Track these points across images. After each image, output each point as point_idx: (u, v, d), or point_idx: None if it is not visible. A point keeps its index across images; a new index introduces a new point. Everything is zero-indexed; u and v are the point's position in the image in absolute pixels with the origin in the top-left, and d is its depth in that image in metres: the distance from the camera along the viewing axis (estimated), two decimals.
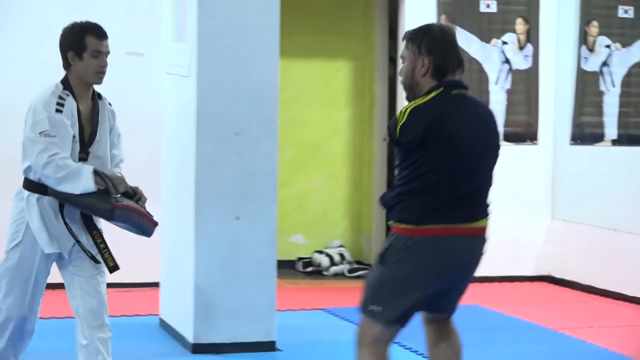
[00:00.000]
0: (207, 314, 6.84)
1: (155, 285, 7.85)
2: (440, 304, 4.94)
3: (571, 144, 9.88)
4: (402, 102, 9.50)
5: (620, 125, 9.81)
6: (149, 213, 5.24)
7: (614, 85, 9.78)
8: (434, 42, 4.71)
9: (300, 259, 10.15)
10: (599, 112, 9.83)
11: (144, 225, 5.22)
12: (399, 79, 4.89)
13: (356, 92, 10.39)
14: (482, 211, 4.79)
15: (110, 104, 5.39)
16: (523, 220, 9.87)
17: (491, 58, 9.73)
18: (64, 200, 5.09)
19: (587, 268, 9.55)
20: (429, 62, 4.67)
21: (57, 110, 5.05)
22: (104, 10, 8.83)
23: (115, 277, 8.79)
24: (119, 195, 5.05)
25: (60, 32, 5.54)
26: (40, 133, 5.01)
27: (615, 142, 9.85)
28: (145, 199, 5.26)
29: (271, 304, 7.02)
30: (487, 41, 9.70)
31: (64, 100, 5.11)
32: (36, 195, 5.16)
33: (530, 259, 9.93)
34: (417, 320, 4.85)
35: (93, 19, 8.66)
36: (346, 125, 10.40)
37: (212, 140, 6.84)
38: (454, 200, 4.66)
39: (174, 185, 7.31)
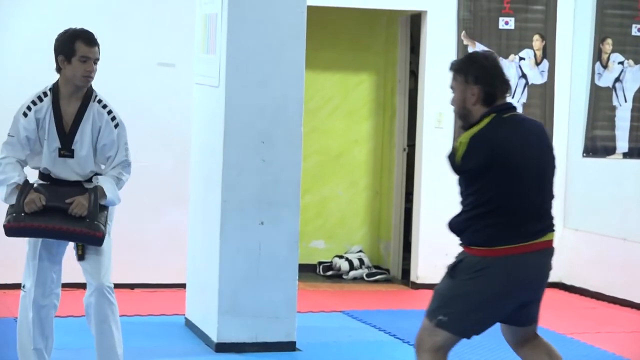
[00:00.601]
0: (230, 314, 6.84)
1: (182, 286, 7.84)
2: (519, 319, 4.91)
3: (584, 156, 9.83)
4: (423, 114, 9.52)
5: (632, 139, 9.75)
6: (77, 225, 5.26)
7: (626, 101, 9.72)
8: (480, 71, 4.77)
9: (320, 263, 10.13)
10: (612, 126, 9.78)
11: (64, 237, 5.35)
12: (452, 108, 4.93)
13: (377, 104, 10.38)
14: (548, 225, 4.79)
15: (105, 106, 5.47)
16: None
17: (509, 73, 9.69)
18: None
19: (597, 275, 9.52)
20: (478, 90, 4.72)
21: (24, 114, 5.30)
22: (137, 23, 8.90)
23: (143, 278, 8.89)
24: (24, 214, 5.19)
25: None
26: (8, 133, 5.34)
27: (626, 155, 9.79)
28: (80, 211, 5.25)
29: (292, 306, 7.01)
30: (505, 57, 9.66)
31: (37, 103, 5.32)
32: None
33: None
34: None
35: (126, 31, 8.81)
36: (367, 135, 10.38)
37: (239, 148, 6.84)
38: (521, 220, 4.68)
39: (201, 191, 7.30)
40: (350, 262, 10.00)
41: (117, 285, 8.53)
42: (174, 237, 8.53)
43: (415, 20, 9.79)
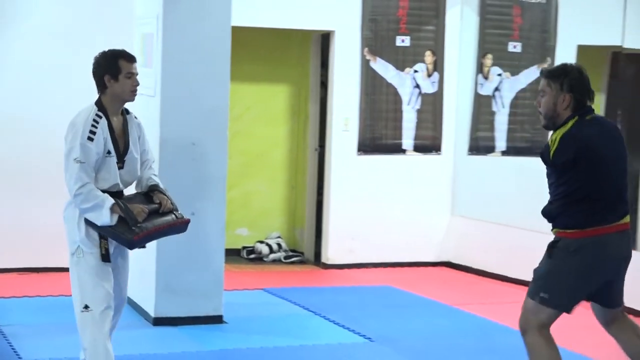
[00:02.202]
0: (166, 292, 6.82)
1: None
2: (606, 297, 4.93)
3: (469, 154, 9.92)
4: (332, 120, 9.56)
5: (509, 140, 9.87)
6: (174, 219, 5.04)
7: (503, 107, 9.83)
8: (575, 82, 4.82)
9: (244, 247, 10.09)
10: (492, 129, 9.88)
11: (170, 232, 5.09)
12: (538, 110, 4.94)
13: (293, 110, 10.37)
14: (625, 209, 4.85)
15: (136, 117, 5.23)
16: (428, 216, 9.91)
17: (405, 83, 9.75)
18: (93, 228, 4.90)
19: (480, 255, 9.61)
20: (570, 98, 4.78)
21: (89, 138, 4.86)
22: (85, 41, 8.75)
23: None
24: (139, 224, 4.85)
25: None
26: (74, 159, 4.84)
27: (504, 153, 9.91)
28: (169, 207, 5.03)
29: (219, 285, 7.02)
30: (402, 69, 9.71)
31: (97, 124, 4.92)
32: None
33: (433, 248, 9.95)
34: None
35: (75, 49, 8.70)
36: (284, 138, 10.37)
37: (173, 149, 6.82)
38: (604, 205, 4.76)
39: None
40: (270, 247, 9.99)
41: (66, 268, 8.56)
42: None
43: (324, 39, 9.80)
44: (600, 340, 5.60)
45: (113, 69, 5.01)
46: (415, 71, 9.76)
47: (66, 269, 8.47)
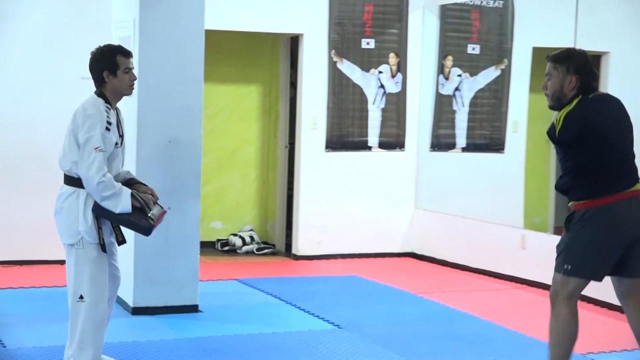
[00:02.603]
0: (144, 283, 6.79)
1: None
2: (626, 267, 4.91)
3: (430, 151, 9.95)
4: (301, 118, 9.57)
5: (468, 137, 9.92)
6: (161, 208, 5.02)
7: (463, 106, 9.87)
8: (581, 65, 4.88)
9: (218, 240, 10.08)
10: (452, 126, 9.93)
11: (161, 220, 5.03)
12: (545, 93, 4.97)
13: (264, 109, 10.38)
14: (634, 178, 4.89)
15: (120, 113, 5.14)
16: (393, 209, 9.94)
17: (370, 84, 9.77)
18: (106, 218, 4.83)
19: (442, 246, 9.64)
20: (577, 79, 4.84)
21: (107, 129, 4.81)
22: (65, 45, 8.74)
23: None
24: (150, 211, 4.85)
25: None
26: (95, 149, 4.73)
27: (464, 149, 9.96)
28: (157, 196, 5.03)
29: (195, 275, 6.99)
30: (367, 70, 9.73)
31: (110, 116, 4.88)
32: (84, 191, 4.86)
33: (398, 239, 9.98)
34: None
35: (56, 51, 8.66)
36: (256, 135, 10.37)
37: (150, 146, 6.79)
38: (611, 175, 4.81)
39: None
40: (243, 239, 9.98)
41: (49, 261, 8.55)
42: None
43: (294, 41, 9.80)
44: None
45: (111, 65, 4.94)
46: (380, 72, 9.78)
47: (48, 262, 8.61)
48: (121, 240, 4.96)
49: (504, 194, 9.58)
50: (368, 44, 9.71)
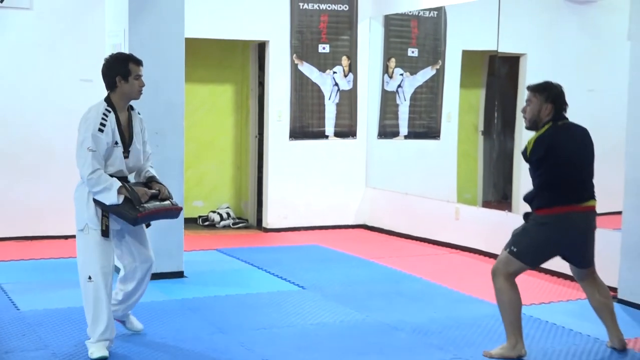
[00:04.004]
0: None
1: None
2: (574, 259, 5.02)
3: (378, 138, 9.97)
4: (268, 112, 9.53)
5: (409, 126, 9.94)
6: (170, 204, 4.86)
7: (405, 100, 9.89)
8: (557, 96, 4.88)
9: (200, 216, 10.05)
10: (396, 118, 9.94)
11: (166, 216, 4.91)
12: (523, 115, 4.96)
13: (237, 105, 10.33)
14: (589, 195, 4.89)
15: (139, 113, 5.00)
16: (347, 188, 9.96)
17: (326, 82, 9.76)
18: (101, 208, 4.71)
19: (388, 219, 9.68)
20: (552, 108, 4.84)
21: (100, 130, 4.66)
22: (64, 50, 8.67)
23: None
24: (142, 204, 4.69)
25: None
26: (87, 148, 4.62)
27: (406, 137, 9.98)
28: (166, 194, 4.87)
29: (180, 246, 6.98)
30: (323, 71, 9.72)
31: (106, 118, 4.72)
32: None
33: (351, 213, 10.00)
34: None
35: (56, 56, 8.57)
36: (230, 127, 10.33)
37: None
38: (568, 191, 4.81)
39: None
40: (221, 215, 9.95)
41: (53, 236, 8.48)
42: None
43: (261, 47, 9.76)
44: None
45: (124, 71, 4.79)
46: (334, 72, 9.77)
47: (55, 237, 8.56)
48: (103, 230, 4.76)
49: (439, 174, 9.63)
50: (324, 48, 9.69)
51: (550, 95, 4.87)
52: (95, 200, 4.72)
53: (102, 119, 4.71)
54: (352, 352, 5.05)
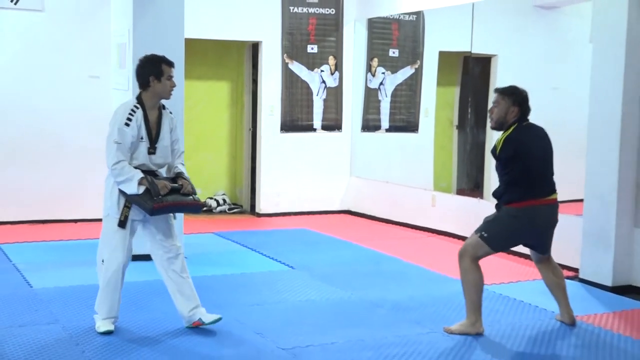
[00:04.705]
0: (141, 237, 6.71)
1: None
2: (538, 247, 5.06)
3: (362, 132, 9.97)
4: (261, 107, 9.52)
5: (390, 121, 9.94)
6: (191, 199, 4.71)
7: (386, 96, 9.88)
8: (522, 99, 4.87)
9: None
10: (378, 112, 9.94)
11: (185, 210, 4.82)
12: (489, 116, 4.95)
13: (232, 101, 10.30)
14: (551, 189, 4.91)
15: (170, 112, 4.85)
16: (334, 177, 9.96)
17: (314, 80, 9.76)
18: (125, 197, 4.63)
19: (371, 205, 9.69)
20: (518, 110, 4.83)
21: (126, 124, 4.57)
22: (74, 49, 8.64)
23: (90, 214, 8.64)
24: (161, 196, 4.56)
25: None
26: (113, 141, 4.55)
27: (387, 130, 9.98)
28: (189, 190, 4.71)
29: (180, 230, 6.89)
30: (312, 69, 9.71)
31: (133, 114, 4.61)
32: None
33: (337, 200, 10.01)
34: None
35: (67, 54, 8.54)
36: (226, 121, 10.30)
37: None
38: (534, 186, 4.81)
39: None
40: (218, 202, 9.94)
41: (63, 220, 8.47)
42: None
43: (255, 47, 9.74)
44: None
45: (157, 71, 4.68)
46: (322, 71, 9.76)
47: (65, 221, 8.57)
48: (121, 220, 4.67)
49: (417, 164, 9.64)
50: (312, 49, 9.68)
51: (517, 99, 4.86)
52: (120, 190, 4.67)
53: (130, 114, 4.63)
54: (337, 326, 5.06)
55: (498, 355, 4.59)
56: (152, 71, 4.69)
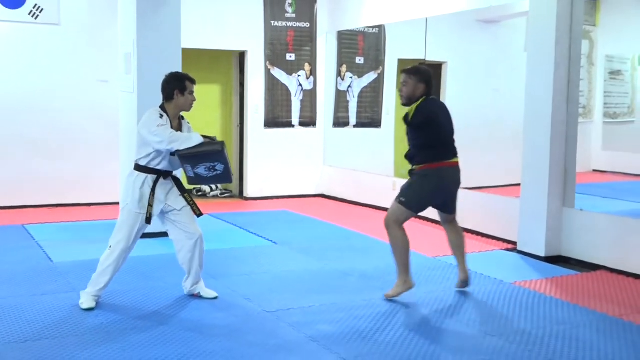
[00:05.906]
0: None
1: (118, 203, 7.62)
2: (446, 207, 4.96)
3: (333, 127, 9.97)
4: (247, 106, 9.47)
5: (357, 118, 9.93)
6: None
7: (354, 97, 9.88)
8: (428, 77, 4.79)
9: (194, 188, 9.95)
10: (347, 111, 9.93)
11: (224, 162, 4.55)
12: (400, 94, 4.86)
13: (223, 101, 10.25)
14: (455, 153, 4.83)
15: (188, 122, 4.74)
16: (309, 167, 9.95)
17: (292, 83, 9.73)
18: (191, 155, 4.38)
19: (341, 189, 9.69)
20: (424, 87, 4.75)
21: (160, 116, 4.51)
22: (85, 55, 8.56)
23: (99, 198, 8.58)
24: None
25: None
26: (157, 126, 4.43)
27: (355, 126, 9.98)
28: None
29: None
30: (290, 74, 9.68)
31: (162, 116, 4.53)
32: (142, 174, 4.58)
33: (313, 185, 9.99)
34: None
35: (78, 60, 8.44)
36: (218, 119, 10.24)
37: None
38: (441, 149, 4.76)
39: (126, 153, 7.03)
40: (211, 187, 9.90)
41: (79, 204, 8.39)
42: (113, 180, 8.32)
43: (242, 55, 9.70)
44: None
45: (181, 86, 4.60)
46: (299, 75, 9.73)
47: (79, 204, 8.51)
48: (148, 218, 4.58)
49: (381, 155, 9.67)
50: (291, 57, 9.64)
51: (423, 77, 4.78)
52: (142, 188, 4.51)
53: (160, 115, 4.55)
54: (313, 292, 5.08)
55: (441, 313, 4.63)
56: (177, 86, 4.59)
